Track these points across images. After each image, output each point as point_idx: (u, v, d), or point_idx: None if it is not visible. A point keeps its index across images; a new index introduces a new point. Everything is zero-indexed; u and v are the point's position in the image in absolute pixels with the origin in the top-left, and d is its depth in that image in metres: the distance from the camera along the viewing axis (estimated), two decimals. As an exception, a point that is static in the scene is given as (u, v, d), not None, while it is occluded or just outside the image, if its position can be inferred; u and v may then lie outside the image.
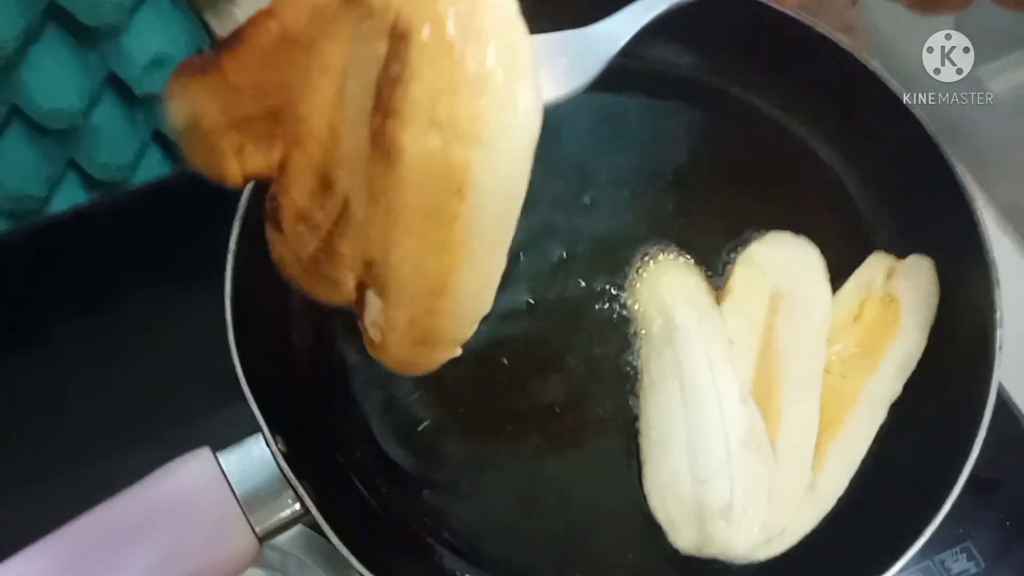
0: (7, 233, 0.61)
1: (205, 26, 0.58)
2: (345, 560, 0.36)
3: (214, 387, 0.38)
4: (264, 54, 0.29)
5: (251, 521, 0.34)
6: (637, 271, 0.46)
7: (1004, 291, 0.42)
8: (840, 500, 0.41)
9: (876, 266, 0.46)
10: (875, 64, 0.49)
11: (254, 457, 0.36)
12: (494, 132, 0.23)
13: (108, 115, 0.59)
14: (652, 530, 0.40)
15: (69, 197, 0.64)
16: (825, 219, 0.48)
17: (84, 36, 0.53)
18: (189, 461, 0.35)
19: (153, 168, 0.65)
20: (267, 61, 0.29)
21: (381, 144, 0.24)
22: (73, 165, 0.63)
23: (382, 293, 0.27)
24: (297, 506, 0.35)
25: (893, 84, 0.47)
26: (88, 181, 0.64)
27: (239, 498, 0.34)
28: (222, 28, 0.57)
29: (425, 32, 0.23)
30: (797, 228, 0.47)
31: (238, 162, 0.29)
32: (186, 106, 0.29)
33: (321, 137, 0.27)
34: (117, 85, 0.58)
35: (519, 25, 0.24)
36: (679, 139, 0.51)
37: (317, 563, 0.47)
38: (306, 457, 0.37)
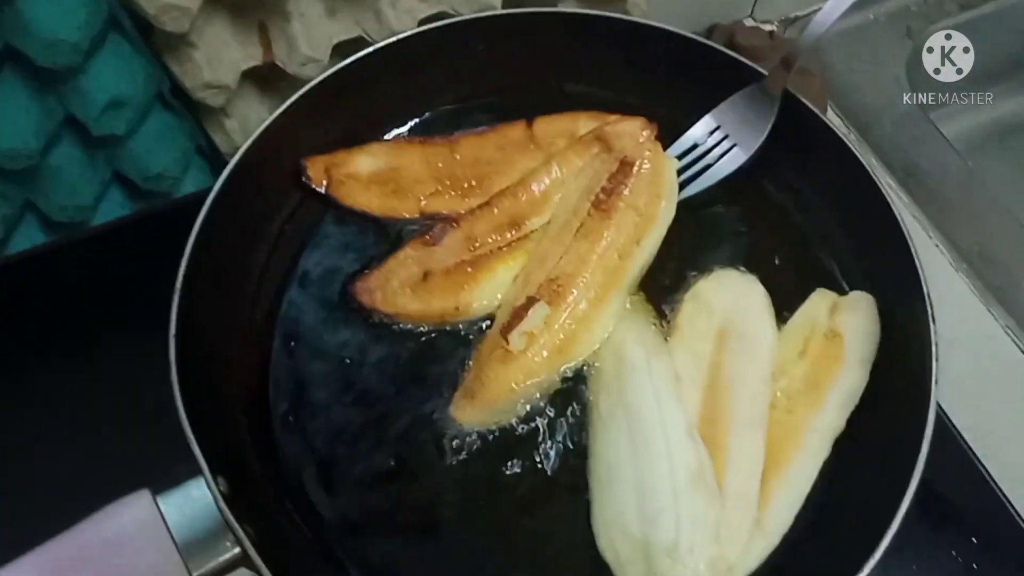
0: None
1: (164, 68, 0.58)
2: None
3: (158, 430, 0.37)
4: (504, 144, 0.52)
5: (188, 565, 0.34)
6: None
7: (958, 330, 0.43)
8: (786, 535, 0.41)
9: (820, 302, 0.47)
10: (829, 116, 0.51)
11: (194, 500, 0.36)
12: (660, 217, 0.48)
13: (67, 156, 0.59)
14: (600, 570, 0.40)
15: (28, 238, 0.63)
16: (771, 256, 0.49)
17: (41, 77, 0.53)
18: (128, 504, 0.35)
19: (114, 209, 0.65)
20: (502, 148, 0.52)
21: (603, 207, 0.48)
22: (31, 206, 0.62)
23: (557, 299, 0.45)
24: (236, 549, 0.35)
25: (842, 131, 0.49)
26: (47, 222, 0.64)
27: (176, 541, 0.34)
28: (181, 70, 0.57)
29: (639, 166, 0.49)
30: (745, 265, 0.48)
31: (420, 202, 0.50)
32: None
33: (533, 198, 0.50)
34: (76, 127, 0.58)
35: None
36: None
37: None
38: (247, 500, 0.36)
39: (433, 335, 0.46)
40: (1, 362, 0.56)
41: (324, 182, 0.50)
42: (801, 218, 0.51)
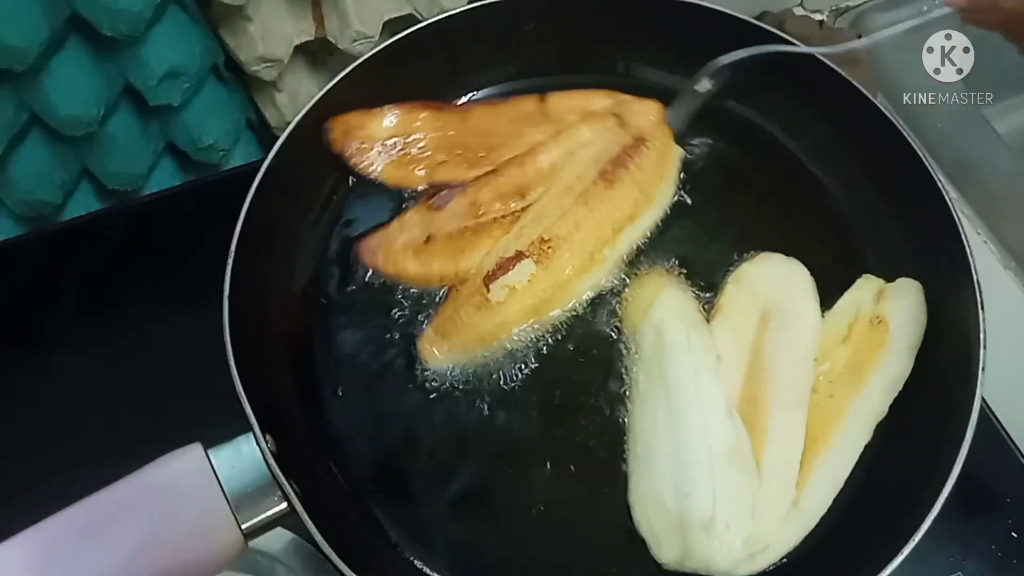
0: (20, 236, 0.63)
1: (220, 41, 0.59)
2: (330, 562, 0.36)
3: (211, 388, 0.38)
4: (516, 117, 0.52)
5: (237, 517, 0.35)
6: (629, 284, 0.47)
7: (1007, 328, 0.43)
8: (824, 517, 0.41)
9: (865, 288, 0.46)
10: (880, 99, 0.50)
11: (244, 455, 0.36)
12: (659, 199, 0.50)
13: (123, 125, 0.61)
14: (636, 545, 0.41)
15: (83, 204, 0.65)
16: (818, 242, 0.49)
17: (104, 46, 0.55)
18: (180, 456, 0.36)
19: (165, 179, 0.67)
20: (514, 121, 0.52)
21: (609, 177, 0.48)
22: (87, 173, 0.64)
23: (545, 260, 0.45)
24: (283, 504, 0.36)
25: (893, 116, 0.49)
26: (101, 189, 0.65)
27: (227, 493, 0.35)
28: (236, 43, 0.59)
29: (651, 143, 0.50)
30: (790, 250, 0.48)
31: (429, 171, 0.50)
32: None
33: (541, 169, 0.50)
34: (133, 96, 0.59)
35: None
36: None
37: (304, 571, 0.48)
38: (295, 458, 0.37)
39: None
40: (59, 323, 0.58)
41: (345, 145, 0.50)
42: (848, 203, 0.51)
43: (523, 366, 0.45)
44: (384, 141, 0.51)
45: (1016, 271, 0.71)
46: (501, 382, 0.44)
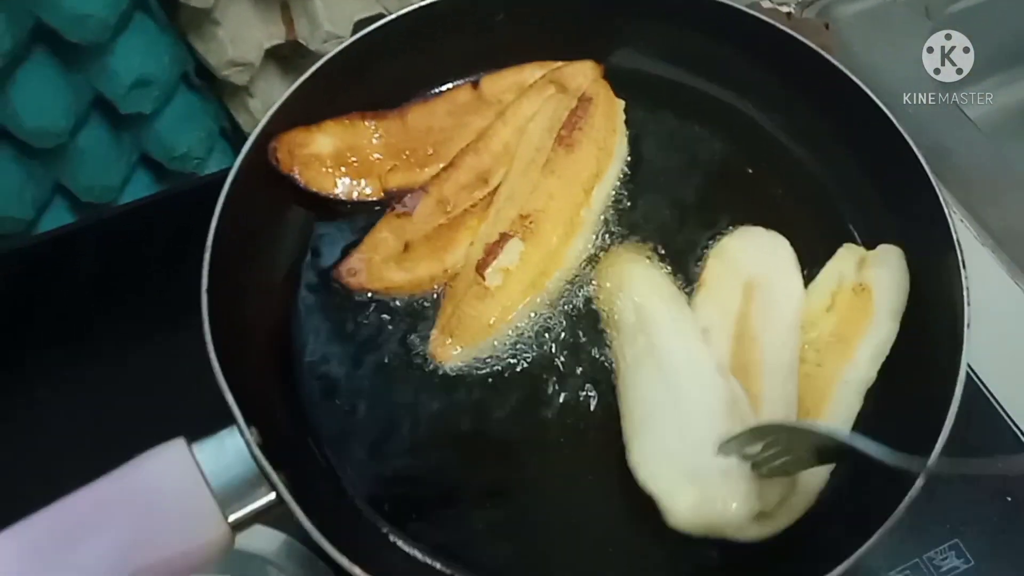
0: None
1: (189, 48, 0.59)
2: (322, 553, 0.35)
3: (194, 391, 0.38)
4: (454, 108, 0.52)
5: (223, 510, 0.34)
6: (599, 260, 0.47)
7: (987, 303, 0.43)
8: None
9: (847, 257, 0.46)
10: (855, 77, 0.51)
11: (228, 448, 0.36)
12: (617, 152, 0.51)
13: (94, 137, 0.60)
14: (637, 512, 0.40)
15: (56, 219, 0.64)
16: (798, 214, 0.49)
17: (71, 56, 0.54)
18: (162, 451, 0.35)
19: (140, 191, 0.66)
20: (453, 113, 0.52)
21: (568, 141, 0.49)
22: (60, 189, 0.64)
23: (530, 236, 0.46)
24: (271, 495, 0.35)
25: (870, 92, 0.49)
26: (75, 203, 0.65)
27: (211, 487, 0.34)
28: (205, 48, 0.58)
29: (596, 100, 0.51)
30: (770, 223, 0.48)
31: (380, 179, 0.50)
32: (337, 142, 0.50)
33: (495, 151, 0.50)
34: (104, 107, 0.59)
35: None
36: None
37: (296, 572, 0.47)
38: (278, 448, 0.36)
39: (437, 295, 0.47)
40: (36, 336, 0.57)
41: (292, 166, 0.48)
42: (826, 175, 0.51)
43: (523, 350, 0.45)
44: (329, 156, 0.50)
45: (993, 247, 0.72)
46: (495, 367, 0.44)
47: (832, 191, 0.50)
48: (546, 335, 0.45)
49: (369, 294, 0.47)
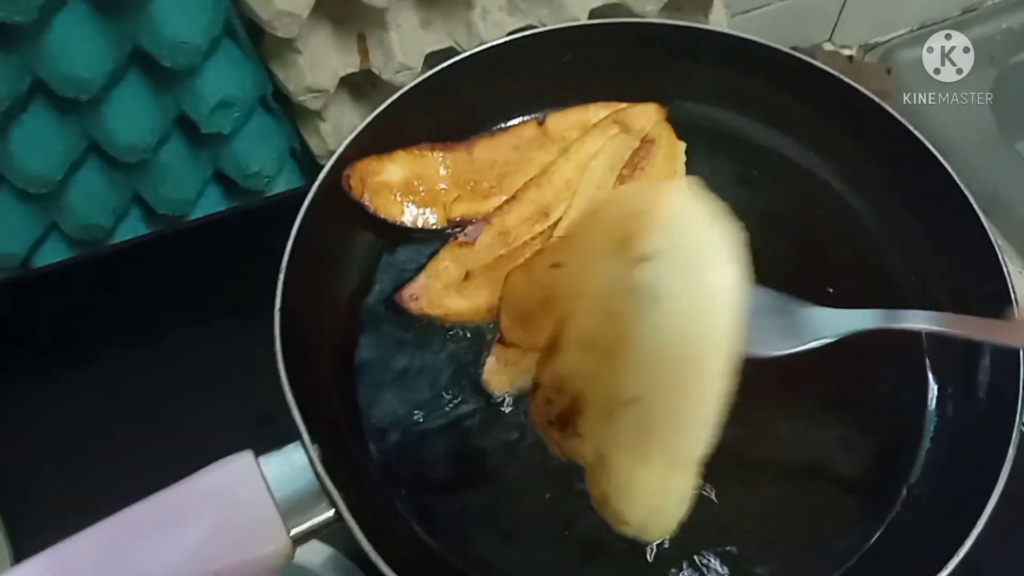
0: (70, 259, 0.65)
1: (269, 73, 0.62)
2: (365, 570, 0.37)
3: (261, 399, 0.40)
4: (519, 143, 0.54)
5: (286, 523, 0.36)
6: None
7: None
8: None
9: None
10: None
11: (293, 462, 0.37)
12: None
13: (175, 153, 0.63)
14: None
15: (132, 228, 0.68)
16: (846, 265, 0.51)
17: (161, 78, 0.57)
18: (231, 462, 0.37)
19: (211, 205, 0.69)
20: (518, 147, 0.54)
21: (629, 180, 0.51)
22: (137, 199, 0.67)
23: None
24: (331, 511, 0.37)
25: (927, 143, 0.50)
26: (150, 214, 0.68)
27: (276, 499, 0.36)
28: (285, 75, 0.61)
29: (658, 142, 0.52)
30: (815, 270, 0.49)
31: (445, 209, 0.51)
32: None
33: (557, 186, 0.52)
34: (185, 125, 0.62)
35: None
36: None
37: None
38: (341, 466, 0.38)
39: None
40: (110, 343, 0.60)
41: (363, 193, 0.50)
42: (881, 227, 0.52)
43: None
44: (398, 184, 0.52)
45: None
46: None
47: (884, 246, 0.51)
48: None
49: (429, 320, 0.49)
